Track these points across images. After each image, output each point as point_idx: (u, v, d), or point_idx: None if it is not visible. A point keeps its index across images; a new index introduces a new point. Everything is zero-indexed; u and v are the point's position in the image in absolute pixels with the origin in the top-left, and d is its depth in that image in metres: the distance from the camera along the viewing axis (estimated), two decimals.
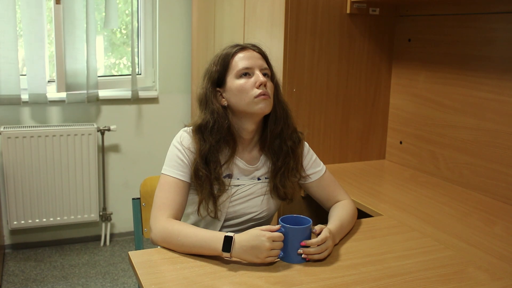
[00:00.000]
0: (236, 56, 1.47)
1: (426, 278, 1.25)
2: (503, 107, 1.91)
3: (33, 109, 3.10)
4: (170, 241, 1.34)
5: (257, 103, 1.43)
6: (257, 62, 1.46)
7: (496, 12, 1.91)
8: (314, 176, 1.60)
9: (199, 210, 1.48)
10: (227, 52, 1.48)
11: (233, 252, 1.26)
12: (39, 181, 3.03)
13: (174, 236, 1.33)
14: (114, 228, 3.46)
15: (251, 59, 1.46)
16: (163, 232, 1.36)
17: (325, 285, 1.20)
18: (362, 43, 2.35)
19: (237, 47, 1.49)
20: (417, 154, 2.33)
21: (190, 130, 1.50)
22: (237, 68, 1.45)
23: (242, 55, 1.47)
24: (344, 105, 2.38)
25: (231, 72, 1.46)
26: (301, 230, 1.30)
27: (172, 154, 1.48)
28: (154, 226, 1.39)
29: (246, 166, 1.53)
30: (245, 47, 1.49)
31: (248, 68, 1.45)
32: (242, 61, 1.46)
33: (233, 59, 1.47)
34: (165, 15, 3.35)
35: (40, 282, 2.81)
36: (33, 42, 2.92)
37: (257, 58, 1.47)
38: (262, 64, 1.47)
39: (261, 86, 1.43)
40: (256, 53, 1.49)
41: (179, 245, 1.33)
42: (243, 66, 1.45)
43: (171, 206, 1.42)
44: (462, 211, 1.80)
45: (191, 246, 1.31)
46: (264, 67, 1.47)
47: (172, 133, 1.58)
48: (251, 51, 1.48)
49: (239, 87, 1.44)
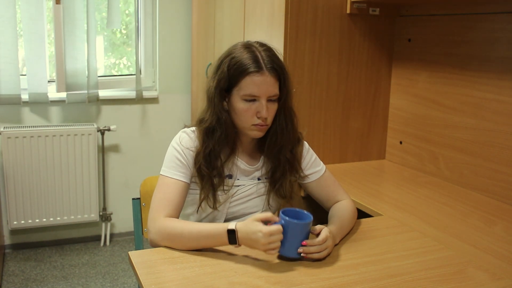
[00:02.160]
0: (248, 77, 1.39)
1: (426, 278, 1.25)
2: (502, 107, 1.91)
3: (33, 109, 3.10)
4: (173, 239, 1.34)
5: (252, 130, 1.44)
6: (267, 90, 1.39)
7: (496, 12, 1.91)
8: (314, 176, 1.60)
9: (201, 207, 1.48)
10: (242, 66, 1.39)
11: (240, 242, 1.28)
12: (39, 181, 3.03)
13: (177, 233, 1.33)
14: (114, 228, 3.46)
15: (262, 87, 1.39)
16: (163, 231, 1.36)
17: (325, 285, 1.20)
18: (362, 43, 2.35)
19: (253, 67, 1.38)
20: (417, 154, 2.33)
21: (190, 131, 1.50)
22: (245, 92, 1.40)
23: (255, 78, 1.38)
24: (344, 105, 2.38)
25: (238, 89, 1.41)
26: (301, 226, 1.29)
27: (171, 155, 1.48)
28: (153, 226, 1.38)
29: (246, 167, 1.53)
30: (260, 69, 1.39)
31: (255, 96, 1.40)
32: (253, 86, 1.39)
33: (245, 78, 1.39)
34: (165, 15, 3.35)
35: (40, 282, 2.81)
36: (33, 42, 2.92)
37: (269, 85, 1.39)
38: (271, 91, 1.40)
39: (261, 117, 1.41)
40: (270, 78, 1.39)
41: (184, 241, 1.33)
42: (250, 93, 1.39)
43: (168, 206, 1.41)
44: (462, 211, 1.80)
45: (197, 241, 1.32)
46: (273, 94, 1.41)
47: (172, 133, 1.58)
48: (267, 75, 1.39)
49: (240, 110, 1.42)
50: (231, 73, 1.41)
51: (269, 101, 1.41)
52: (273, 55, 1.43)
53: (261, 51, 1.42)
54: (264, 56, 1.41)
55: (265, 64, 1.39)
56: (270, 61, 1.41)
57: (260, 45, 1.45)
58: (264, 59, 1.40)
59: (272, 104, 1.43)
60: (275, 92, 1.42)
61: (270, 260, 1.32)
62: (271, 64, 1.40)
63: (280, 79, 1.43)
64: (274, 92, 1.42)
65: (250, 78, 1.39)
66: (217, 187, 1.47)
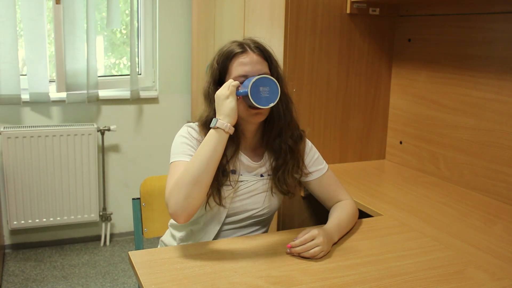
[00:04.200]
0: (235, 60, 1.44)
1: (426, 278, 1.25)
2: (503, 107, 1.91)
3: (33, 109, 3.10)
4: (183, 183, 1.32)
5: (252, 115, 1.44)
6: (255, 67, 1.43)
7: (496, 12, 1.91)
8: (315, 174, 1.60)
9: (208, 203, 1.48)
10: (228, 52, 1.46)
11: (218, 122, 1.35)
12: (39, 181, 3.03)
13: (183, 173, 1.33)
14: (114, 228, 3.46)
15: (249, 65, 1.43)
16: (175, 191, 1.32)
17: (325, 285, 1.20)
18: (362, 43, 2.35)
19: (237, 49, 1.46)
20: (417, 154, 2.34)
21: (194, 125, 1.52)
22: (235, 74, 1.44)
23: (241, 60, 1.44)
24: (344, 105, 2.38)
25: (229, 75, 1.45)
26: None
27: (179, 143, 1.48)
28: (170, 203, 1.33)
29: (250, 163, 1.53)
30: (245, 50, 1.45)
31: (245, 75, 1.43)
32: (240, 67, 1.43)
33: (232, 62, 1.45)
34: (165, 15, 3.35)
35: (40, 282, 2.81)
36: (33, 42, 2.93)
37: (255, 63, 1.44)
38: (260, 69, 1.44)
39: None
40: (256, 56, 1.45)
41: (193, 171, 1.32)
42: (239, 73, 1.43)
43: None
44: (462, 211, 1.80)
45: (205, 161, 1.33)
46: (262, 73, 1.44)
47: (172, 133, 1.58)
48: (251, 54, 1.45)
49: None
50: (220, 64, 1.47)
51: None
52: (259, 41, 1.50)
53: (247, 39, 1.49)
54: (249, 42, 1.49)
55: (250, 46, 1.47)
56: (254, 44, 1.48)
57: (247, 38, 1.52)
58: (248, 44, 1.48)
59: None
60: (265, 71, 1.45)
61: (270, 260, 1.32)
62: (256, 45, 1.47)
63: (267, 60, 1.48)
64: (264, 71, 1.45)
65: (236, 60, 1.45)
66: (223, 183, 1.47)
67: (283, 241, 1.42)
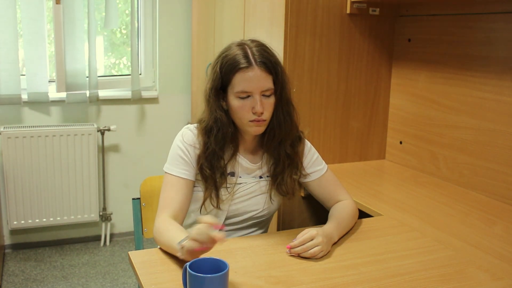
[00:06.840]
0: (239, 74, 1.39)
1: (426, 278, 1.25)
2: (503, 107, 1.91)
3: (33, 109, 3.10)
4: (158, 239, 1.36)
5: (251, 126, 1.43)
6: (258, 84, 1.39)
7: (496, 12, 1.91)
8: (315, 175, 1.60)
9: (204, 206, 1.49)
10: (233, 63, 1.40)
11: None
12: (39, 181, 3.03)
13: (159, 233, 1.35)
14: (114, 228, 3.46)
15: (253, 82, 1.38)
16: (155, 231, 1.39)
17: (325, 285, 1.20)
18: (362, 43, 2.35)
19: (243, 61, 1.39)
20: (417, 154, 2.33)
21: (193, 127, 1.51)
22: (238, 89, 1.40)
23: (245, 75, 1.38)
24: (344, 105, 2.38)
25: (232, 87, 1.42)
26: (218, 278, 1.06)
27: (174, 153, 1.48)
28: (154, 224, 1.41)
29: (248, 165, 1.53)
30: (251, 65, 1.38)
31: (247, 92, 1.40)
32: (244, 83, 1.39)
33: (235, 76, 1.40)
34: (165, 15, 3.35)
35: (40, 282, 2.81)
36: (33, 42, 2.92)
37: (259, 79, 1.39)
38: (264, 85, 1.40)
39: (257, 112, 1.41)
40: (260, 72, 1.39)
41: (159, 241, 1.35)
42: (242, 89, 1.39)
43: (171, 205, 1.43)
44: (462, 211, 1.80)
45: (164, 245, 1.33)
46: (265, 89, 1.40)
47: (172, 133, 1.58)
48: (256, 69, 1.38)
49: (236, 107, 1.42)
50: (223, 72, 1.42)
51: (264, 96, 1.41)
52: (264, 50, 1.43)
53: (252, 47, 1.42)
54: (255, 52, 1.41)
55: (255, 59, 1.40)
56: (260, 55, 1.41)
57: (252, 41, 1.45)
58: (254, 55, 1.40)
59: (267, 99, 1.42)
60: (268, 86, 1.41)
61: (270, 260, 1.32)
62: (261, 59, 1.40)
63: (272, 73, 1.42)
64: (267, 87, 1.41)
65: (240, 75, 1.39)
66: (220, 186, 1.48)
67: (283, 241, 1.42)
